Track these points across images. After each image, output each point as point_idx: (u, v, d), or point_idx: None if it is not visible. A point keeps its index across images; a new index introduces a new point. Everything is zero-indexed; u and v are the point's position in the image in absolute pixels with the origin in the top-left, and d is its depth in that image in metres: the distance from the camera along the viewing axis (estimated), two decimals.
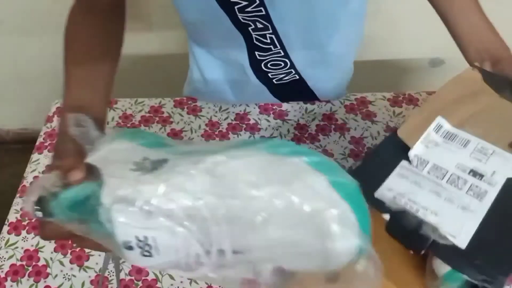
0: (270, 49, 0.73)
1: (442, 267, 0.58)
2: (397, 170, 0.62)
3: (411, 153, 0.62)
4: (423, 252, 0.57)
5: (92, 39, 0.63)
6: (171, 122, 0.88)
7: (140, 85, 1.39)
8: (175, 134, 0.86)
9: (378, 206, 0.58)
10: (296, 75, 0.80)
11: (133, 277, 0.68)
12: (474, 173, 0.61)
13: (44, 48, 1.48)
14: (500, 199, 0.59)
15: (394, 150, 0.64)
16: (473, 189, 0.59)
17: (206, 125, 0.86)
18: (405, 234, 0.58)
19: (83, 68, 0.60)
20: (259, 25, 0.68)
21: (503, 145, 0.65)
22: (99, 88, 0.60)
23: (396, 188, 0.60)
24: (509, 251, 0.56)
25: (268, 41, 0.71)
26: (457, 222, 0.56)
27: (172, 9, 0.76)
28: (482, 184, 0.60)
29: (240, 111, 0.88)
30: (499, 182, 0.60)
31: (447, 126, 0.66)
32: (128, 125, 0.88)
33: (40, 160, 0.82)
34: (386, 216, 0.58)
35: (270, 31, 0.69)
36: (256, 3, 0.64)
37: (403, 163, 0.63)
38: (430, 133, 0.65)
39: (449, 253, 0.55)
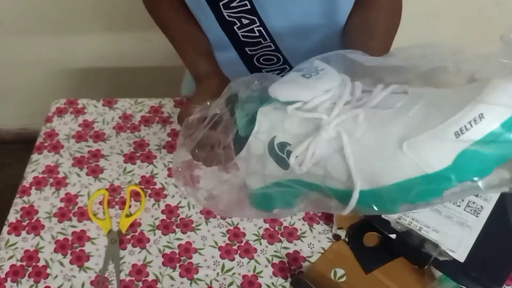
0: (259, 43, 0.72)
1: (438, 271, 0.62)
2: None
3: None
4: (426, 267, 0.61)
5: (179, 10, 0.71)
6: (171, 122, 0.88)
7: (140, 85, 1.39)
8: (176, 134, 0.86)
9: (385, 227, 0.63)
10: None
11: (133, 278, 0.68)
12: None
13: (44, 48, 1.49)
14: (494, 214, 0.65)
15: None
16: (470, 205, 0.65)
17: None
18: (410, 251, 0.63)
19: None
20: (245, 21, 0.68)
21: None
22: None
23: None
24: (502, 263, 0.61)
25: (257, 34, 0.70)
26: (456, 237, 0.61)
27: None
28: (478, 200, 0.65)
29: None
30: (494, 197, 0.65)
31: None
32: (128, 125, 0.88)
33: (40, 160, 0.82)
34: (393, 236, 0.63)
35: (257, 24, 0.69)
36: None
37: None
38: None
39: (449, 266, 0.60)
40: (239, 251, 0.70)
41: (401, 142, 0.34)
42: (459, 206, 0.64)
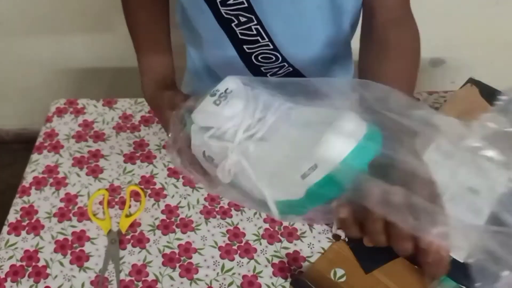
0: (257, 41, 0.72)
1: None
2: None
3: None
4: None
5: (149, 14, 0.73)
6: None
7: (140, 85, 1.38)
8: None
9: None
10: (290, 68, 0.78)
11: (133, 278, 0.68)
12: (471, 189, 0.66)
13: (44, 48, 1.49)
14: (494, 214, 0.63)
15: None
16: (470, 206, 0.64)
17: None
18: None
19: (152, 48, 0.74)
20: (242, 19, 0.68)
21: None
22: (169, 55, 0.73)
23: None
24: None
25: (254, 32, 0.70)
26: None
27: (171, 13, 0.76)
28: (478, 200, 0.64)
29: None
30: (493, 197, 0.64)
31: (445, 146, 0.70)
32: (128, 125, 0.88)
33: (39, 160, 0.82)
34: None
35: (255, 22, 0.68)
36: None
37: None
38: (430, 153, 0.69)
39: (449, 266, 0.59)
40: (239, 251, 0.70)
41: (273, 175, 0.43)
42: (459, 206, 0.65)
